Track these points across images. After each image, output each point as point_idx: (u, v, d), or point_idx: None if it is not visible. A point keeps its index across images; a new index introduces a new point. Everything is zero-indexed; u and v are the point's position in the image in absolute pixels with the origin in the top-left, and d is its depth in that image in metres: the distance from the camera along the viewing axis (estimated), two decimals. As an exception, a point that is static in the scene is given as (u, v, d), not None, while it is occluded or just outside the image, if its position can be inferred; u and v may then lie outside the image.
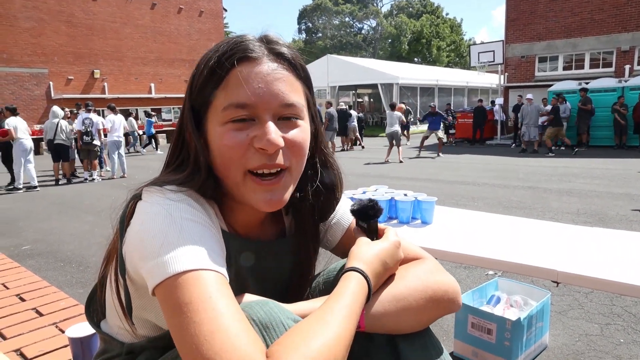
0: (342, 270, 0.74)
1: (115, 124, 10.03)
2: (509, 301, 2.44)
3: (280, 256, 0.86)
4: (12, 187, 8.75)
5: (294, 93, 0.73)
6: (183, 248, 0.62)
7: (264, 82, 0.70)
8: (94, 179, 9.80)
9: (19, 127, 8.51)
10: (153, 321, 0.75)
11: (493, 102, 13.23)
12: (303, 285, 0.90)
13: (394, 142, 11.64)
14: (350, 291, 0.68)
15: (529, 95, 13.60)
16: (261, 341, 0.58)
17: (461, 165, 10.44)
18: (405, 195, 2.24)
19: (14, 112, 8.74)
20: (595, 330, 2.58)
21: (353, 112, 15.18)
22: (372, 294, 0.73)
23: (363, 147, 15.68)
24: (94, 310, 0.91)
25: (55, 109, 9.68)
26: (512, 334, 2.13)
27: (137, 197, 0.72)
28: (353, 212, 0.86)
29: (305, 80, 0.77)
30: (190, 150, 0.74)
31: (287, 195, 0.75)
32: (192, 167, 0.73)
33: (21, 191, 8.53)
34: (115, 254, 0.74)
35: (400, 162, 11.42)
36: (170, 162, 0.78)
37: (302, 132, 0.74)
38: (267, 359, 0.55)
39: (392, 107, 12.34)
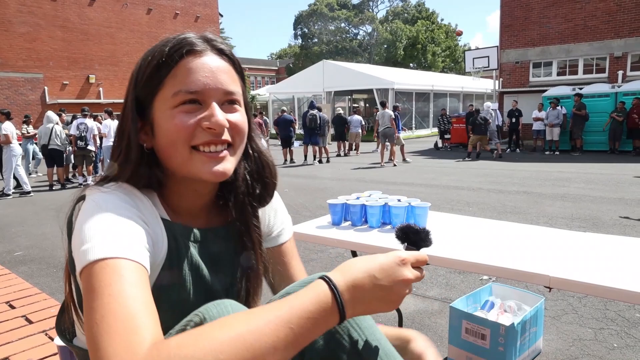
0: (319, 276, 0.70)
1: (112, 129, 10.00)
2: (503, 306, 2.44)
3: (226, 242, 0.90)
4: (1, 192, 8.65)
5: (234, 83, 0.82)
6: (99, 238, 0.66)
7: (210, 72, 0.79)
8: (89, 184, 9.73)
9: (14, 132, 8.46)
10: None
11: (478, 111, 13.45)
12: (253, 272, 0.91)
13: (387, 142, 11.57)
14: (299, 300, 0.61)
15: (490, 104, 14.33)
16: (151, 328, 0.58)
17: (456, 170, 10.47)
18: (399, 200, 2.24)
19: (8, 116, 8.70)
20: (589, 335, 2.58)
21: (357, 117, 15.05)
22: (348, 314, 0.64)
23: (357, 152, 15.70)
24: (66, 328, 0.91)
25: (50, 114, 9.63)
26: (506, 339, 2.13)
27: (81, 199, 0.79)
28: (399, 234, 0.80)
29: (240, 74, 0.87)
30: (124, 140, 0.81)
31: (231, 167, 0.81)
32: (124, 157, 0.80)
33: (10, 197, 8.45)
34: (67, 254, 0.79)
35: (394, 165, 11.47)
36: (115, 154, 0.83)
37: (241, 116, 0.83)
38: (153, 349, 0.54)
39: (383, 105, 12.20)
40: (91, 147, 9.63)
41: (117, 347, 0.54)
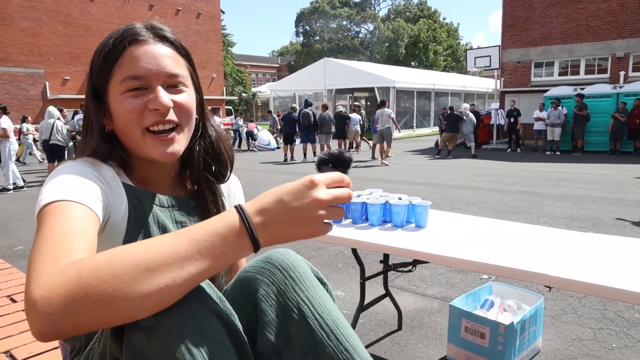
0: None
1: None
2: (502, 305, 2.44)
3: (189, 211, 0.97)
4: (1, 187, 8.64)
5: (178, 66, 0.89)
6: (52, 187, 0.74)
7: (152, 58, 0.85)
8: None
9: (12, 127, 8.45)
10: None
11: (452, 108, 14.01)
12: None
13: (383, 141, 11.59)
14: (208, 222, 0.65)
15: (465, 105, 14.81)
16: (82, 250, 0.64)
17: (457, 170, 10.47)
18: (400, 198, 2.24)
19: (4, 111, 8.66)
20: (588, 335, 2.58)
21: (356, 116, 15.11)
22: (261, 238, 0.66)
23: (358, 150, 15.70)
24: None
25: (51, 109, 9.61)
26: (506, 338, 2.13)
27: None
28: (321, 161, 0.79)
29: (186, 57, 0.93)
30: (88, 122, 0.90)
31: (181, 149, 0.89)
32: (88, 137, 0.89)
33: (11, 192, 8.45)
34: None
35: (385, 164, 11.41)
36: (82, 137, 0.93)
37: (187, 96, 0.89)
38: (74, 261, 0.60)
39: (382, 104, 12.12)
40: None
41: (45, 264, 0.59)
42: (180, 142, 0.88)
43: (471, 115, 14.20)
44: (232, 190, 1.09)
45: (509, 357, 2.16)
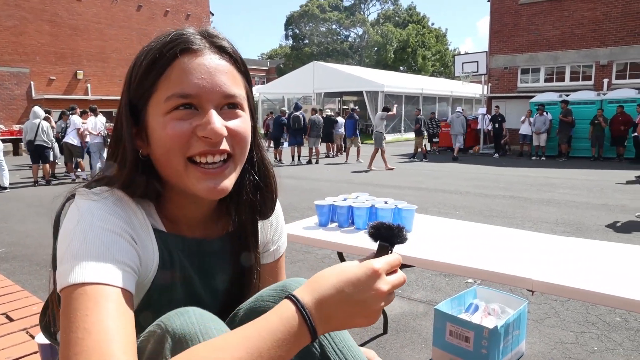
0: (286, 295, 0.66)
1: (97, 126, 9.88)
2: (487, 309, 2.46)
3: (222, 255, 0.85)
4: None
5: (236, 85, 0.75)
6: (79, 259, 0.62)
7: (207, 73, 0.71)
8: (84, 178, 9.62)
9: None
10: None
11: (420, 111, 14.64)
12: (245, 287, 0.89)
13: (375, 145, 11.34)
14: (268, 326, 0.58)
15: (459, 108, 15.85)
16: None
17: (444, 174, 10.54)
18: (386, 202, 2.25)
19: None
20: (570, 338, 2.61)
21: (340, 119, 15.20)
22: (319, 332, 0.60)
23: (342, 153, 15.71)
24: (49, 321, 0.89)
25: (37, 109, 9.49)
26: (490, 342, 2.15)
27: (71, 197, 0.74)
28: (373, 233, 0.69)
29: (245, 74, 0.79)
30: (120, 145, 0.75)
31: (230, 184, 0.75)
32: (119, 164, 0.74)
33: (7, 191, 8.28)
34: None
35: (368, 169, 11.28)
36: (108, 157, 0.78)
37: (243, 122, 0.75)
38: None
39: (385, 110, 11.77)
40: (73, 142, 9.52)
41: None
42: (231, 177, 0.75)
43: (462, 117, 14.61)
44: (273, 218, 0.94)
45: (493, 361, 2.17)
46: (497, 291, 2.60)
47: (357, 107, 16.89)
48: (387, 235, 0.68)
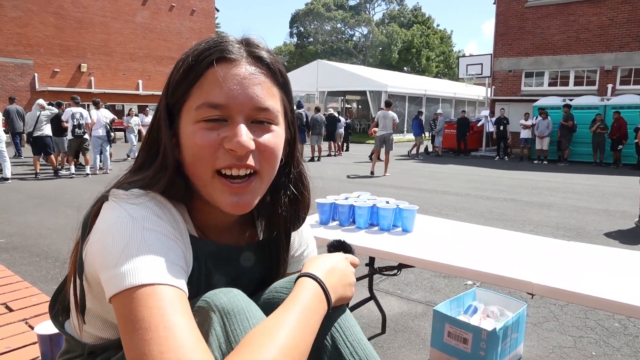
0: (298, 275, 0.75)
1: (100, 120, 9.89)
2: (485, 311, 2.46)
3: (250, 261, 0.86)
4: None
5: (270, 98, 0.73)
6: (142, 260, 0.61)
7: (240, 84, 0.70)
8: (88, 174, 9.62)
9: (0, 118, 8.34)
10: (114, 322, 0.75)
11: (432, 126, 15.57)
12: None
13: (383, 148, 10.06)
14: (303, 299, 0.68)
15: (439, 110, 17.17)
16: None
17: (445, 175, 10.53)
18: (387, 202, 2.25)
19: None
20: (568, 343, 2.61)
21: (341, 119, 15.21)
22: (333, 300, 0.73)
23: (341, 152, 15.70)
24: (59, 309, 0.89)
25: (40, 101, 9.53)
26: (488, 344, 2.14)
27: (103, 199, 0.72)
28: (330, 247, 0.92)
29: (283, 86, 0.77)
30: (159, 149, 0.73)
31: (255, 200, 0.75)
32: (158, 167, 0.72)
33: (9, 182, 8.29)
34: (77, 253, 0.74)
35: (385, 174, 10.27)
36: (141, 160, 0.77)
37: (274, 137, 0.74)
38: None
39: (388, 105, 10.35)
40: (87, 137, 9.53)
41: None
42: (255, 193, 0.74)
43: (442, 118, 15.93)
44: (301, 227, 0.94)
45: (491, 363, 2.17)
46: (497, 293, 2.60)
47: (359, 106, 16.89)
48: (340, 247, 0.92)
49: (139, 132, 12.79)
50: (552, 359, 2.44)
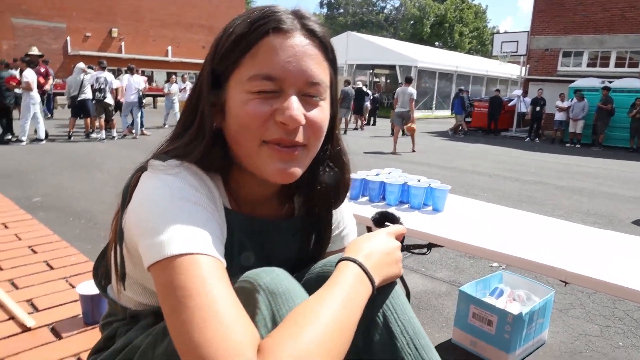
0: (338, 260, 0.73)
1: (132, 85, 10.06)
2: (512, 295, 2.44)
3: (287, 237, 0.85)
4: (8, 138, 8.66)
5: (321, 72, 0.72)
6: (181, 230, 0.61)
7: (294, 56, 0.69)
8: (113, 137, 9.84)
9: (35, 80, 8.52)
10: (153, 289, 0.76)
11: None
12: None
13: (402, 123, 9.95)
14: (345, 281, 0.67)
15: (462, 87, 16.54)
16: (255, 331, 0.57)
17: (473, 155, 10.35)
18: (419, 181, 2.22)
19: (29, 64, 8.75)
20: (594, 331, 2.58)
21: (369, 92, 15.00)
22: (376, 281, 0.71)
23: (363, 127, 15.51)
24: (102, 273, 0.91)
25: (81, 65, 9.72)
26: (513, 328, 2.14)
27: (142, 169, 0.73)
28: (375, 221, 0.90)
29: (332, 62, 0.76)
30: (197, 114, 0.73)
31: (300, 170, 0.74)
32: (194, 135, 0.72)
33: (24, 144, 8.50)
34: (117, 222, 0.76)
35: (413, 151, 10.23)
36: (179, 128, 0.76)
37: (322, 113, 0.73)
38: (258, 352, 0.54)
39: (408, 80, 10.11)
40: (109, 101, 9.67)
41: (227, 353, 0.53)
42: (302, 164, 0.73)
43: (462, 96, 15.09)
44: (349, 225, 0.98)
45: (514, 346, 2.17)
46: (524, 277, 2.57)
47: (388, 80, 16.62)
48: (390, 220, 0.89)
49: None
50: (577, 347, 2.41)
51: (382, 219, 0.88)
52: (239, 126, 0.70)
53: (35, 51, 8.74)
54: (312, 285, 0.71)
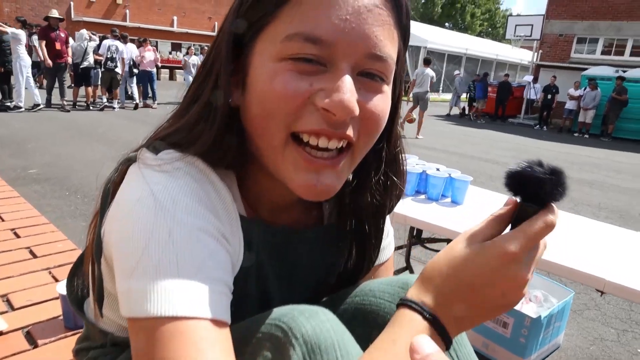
0: (399, 302, 0.50)
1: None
2: (528, 295, 2.30)
3: (315, 250, 0.66)
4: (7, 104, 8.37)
5: (390, 43, 0.51)
6: (172, 278, 0.43)
7: (356, 14, 0.47)
8: (114, 108, 9.65)
9: (24, 40, 8.29)
10: None
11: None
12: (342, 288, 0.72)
13: (418, 105, 9.56)
14: (405, 343, 0.44)
15: (456, 72, 16.57)
16: None
17: (480, 140, 10.15)
18: (438, 170, 2.06)
19: (24, 24, 8.63)
20: (611, 336, 2.45)
21: None
22: (453, 336, 0.48)
23: None
24: (78, 285, 0.74)
25: (83, 32, 9.49)
26: (530, 331, 2.01)
27: (130, 161, 0.54)
28: (510, 181, 0.51)
29: (404, 31, 0.55)
30: (209, 84, 0.53)
31: (338, 185, 0.54)
32: (202, 112, 0.52)
33: (22, 110, 8.27)
34: (95, 230, 0.57)
35: (417, 137, 9.72)
36: (185, 103, 0.56)
37: (383, 102, 0.53)
38: None
39: (427, 62, 9.80)
40: (119, 70, 9.45)
41: None
42: (341, 175, 0.54)
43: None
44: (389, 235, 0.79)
45: (530, 351, 2.04)
46: (542, 277, 2.43)
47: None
48: (536, 192, 0.46)
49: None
50: (593, 352, 2.29)
51: (523, 185, 0.49)
52: (262, 109, 0.50)
53: (54, 14, 8.35)
54: (349, 319, 0.54)
